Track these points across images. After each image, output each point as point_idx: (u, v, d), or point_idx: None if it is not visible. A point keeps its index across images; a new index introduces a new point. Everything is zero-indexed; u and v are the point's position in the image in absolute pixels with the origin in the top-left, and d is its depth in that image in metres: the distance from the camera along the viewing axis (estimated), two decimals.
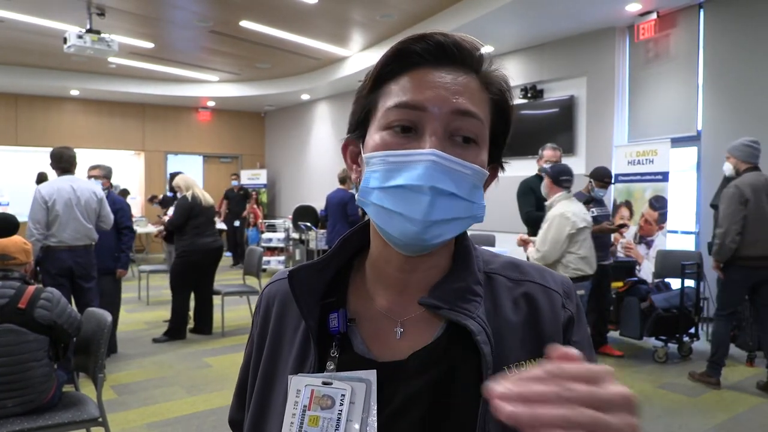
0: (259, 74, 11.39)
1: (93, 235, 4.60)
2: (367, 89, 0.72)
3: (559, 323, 0.73)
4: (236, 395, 0.88)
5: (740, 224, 4.08)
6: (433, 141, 0.65)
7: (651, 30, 6.61)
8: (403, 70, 0.68)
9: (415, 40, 0.68)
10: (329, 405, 0.67)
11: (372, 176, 0.68)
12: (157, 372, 4.78)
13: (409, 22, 7.76)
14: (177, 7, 7.57)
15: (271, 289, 0.84)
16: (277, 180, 14.22)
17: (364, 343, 0.72)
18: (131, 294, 8.15)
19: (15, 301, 2.57)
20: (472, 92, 0.68)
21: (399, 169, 0.65)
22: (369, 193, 0.68)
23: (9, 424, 2.48)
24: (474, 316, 0.69)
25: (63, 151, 4.58)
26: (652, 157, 6.20)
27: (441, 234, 0.66)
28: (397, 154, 0.66)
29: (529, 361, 0.70)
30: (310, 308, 0.73)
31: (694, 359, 5.07)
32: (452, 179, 0.65)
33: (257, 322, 0.84)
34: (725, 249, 4.14)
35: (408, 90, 0.67)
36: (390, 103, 0.68)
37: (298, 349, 0.75)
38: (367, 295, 0.76)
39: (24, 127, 11.88)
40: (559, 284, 0.77)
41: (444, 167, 0.64)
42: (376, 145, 0.68)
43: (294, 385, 0.70)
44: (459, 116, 0.66)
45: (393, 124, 0.67)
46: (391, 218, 0.66)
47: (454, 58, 0.68)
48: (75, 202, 4.45)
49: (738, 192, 4.12)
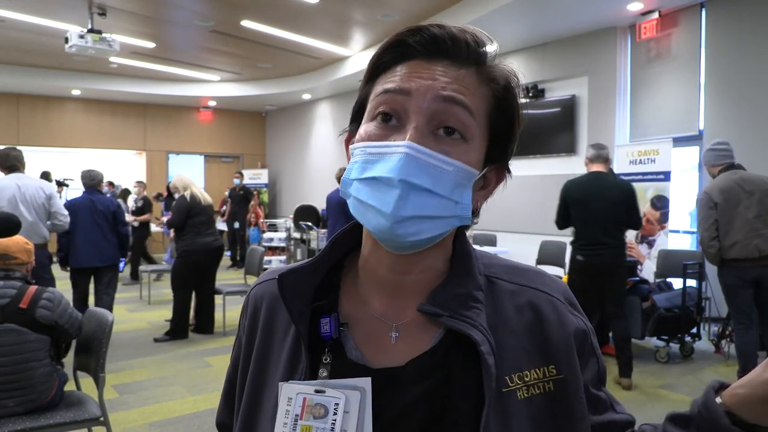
0: (260, 74, 11.39)
1: (42, 232, 4.50)
2: (364, 81, 0.71)
3: (567, 331, 0.70)
4: (224, 398, 0.86)
5: (712, 229, 4.06)
6: (412, 134, 0.62)
7: (653, 29, 6.60)
8: (398, 62, 0.67)
9: (411, 32, 0.66)
10: (322, 414, 0.64)
11: (353, 167, 0.66)
12: (159, 371, 4.78)
13: (410, 21, 7.71)
14: (178, 7, 7.57)
15: (258, 291, 0.80)
16: (278, 179, 14.22)
17: (358, 349, 0.69)
18: (133, 294, 8.17)
19: (16, 301, 2.57)
20: (466, 85, 0.65)
21: (376, 160, 0.63)
22: (349, 185, 0.66)
23: (11, 424, 2.48)
24: (477, 324, 0.66)
25: (9, 151, 4.60)
26: (654, 156, 6.19)
27: (417, 232, 0.63)
28: (375, 145, 0.64)
29: (534, 370, 0.68)
30: (301, 312, 0.70)
31: (696, 359, 5.07)
32: (429, 174, 0.62)
33: (244, 324, 0.81)
34: (708, 255, 4.14)
35: (397, 78, 0.65)
36: (377, 90, 0.67)
37: (288, 354, 0.72)
38: (359, 298, 0.73)
39: (25, 127, 11.90)
40: (560, 292, 0.74)
41: (420, 161, 0.61)
42: (361, 137, 0.67)
43: (285, 393, 0.66)
44: (444, 103, 0.63)
45: (377, 112, 0.65)
46: (366, 211, 0.64)
47: (448, 51, 0.65)
48: (20, 198, 4.40)
49: (706, 197, 4.12)
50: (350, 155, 0.69)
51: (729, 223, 4.02)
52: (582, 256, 4.29)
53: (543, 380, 0.68)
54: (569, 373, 0.69)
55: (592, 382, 0.73)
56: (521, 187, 7.60)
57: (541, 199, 7.50)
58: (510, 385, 0.66)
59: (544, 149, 7.67)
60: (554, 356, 0.69)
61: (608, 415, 0.74)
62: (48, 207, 4.55)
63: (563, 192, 4.39)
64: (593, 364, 0.74)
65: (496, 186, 0.73)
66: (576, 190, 4.31)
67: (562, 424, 0.68)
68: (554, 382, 0.68)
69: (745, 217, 4.00)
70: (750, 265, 4.01)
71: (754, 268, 4.02)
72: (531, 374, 0.67)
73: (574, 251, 4.37)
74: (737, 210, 4.02)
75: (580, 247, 4.31)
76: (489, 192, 0.72)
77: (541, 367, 0.68)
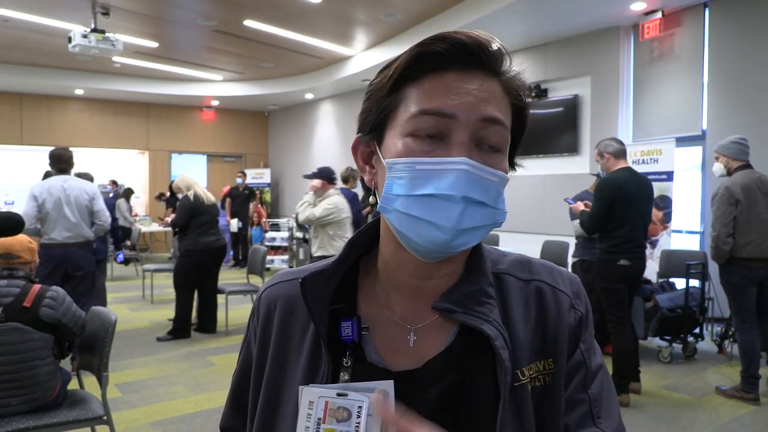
0: (262, 73, 11.40)
1: (85, 233, 4.64)
2: (386, 90, 0.68)
3: (564, 325, 0.72)
4: (230, 401, 0.85)
5: (731, 226, 4.03)
6: (460, 149, 0.63)
7: (656, 29, 6.58)
8: (425, 73, 0.66)
9: (437, 40, 0.65)
10: (345, 417, 0.64)
11: (396, 183, 0.65)
12: (161, 371, 4.79)
13: (413, 21, 7.75)
14: (181, 7, 7.58)
15: (270, 293, 0.80)
16: (281, 179, 14.23)
17: (377, 352, 0.70)
18: (135, 293, 8.18)
19: (20, 299, 2.58)
20: (498, 99, 0.67)
21: (428, 177, 0.63)
22: (393, 201, 0.65)
23: (14, 422, 2.49)
24: (490, 319, 0.67)
25: (62, 152, 4.71)
26: (657, 156, 6.17)
27: (467, 242, 0.65)
28: (425, 161, 0.64)
29: (536, 363, 0.69)
30: (321, 315, 0.71)
31: (699, 359, 5.06)
32: (483, 188, 0.64)
33: (255, 326, 0.80)
34: (720, 251, 4.10)
35: (434, 96, 0.64)
36: (414, 109, 0.65)
37: (307, 357, 0.72)
38: (378, 301, 0.74)
39: (29, 127, 11.92)
40: (567, 285, 0.75)
41: (475, 176, 0.63)
42: (399, 152, 0.65)
43: (306, 397, 0.66)
44: (486, 124, 0.65)
45: (420, 132, 0.65)
46: (416, 225, 0.64)
47: (480, 62, 0.66)
48: (65, 200, 4.54)
49: (728, 193, 4.07)
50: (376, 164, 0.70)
51: (747, 221, 4.03)
52: (627, 260, 3.93)
53: (542, 373, 0.70)
54: (561, 366, 0.71)
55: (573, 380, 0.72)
56: (523, 187, 7.59)
57: (543, 199, 7.50)
58: (522, 378, 0.68)
59: (547, 149, 7.66)
60: (551, 349, 0.71)
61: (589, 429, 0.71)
62: (91, 207, 4.68)
63: (608, 191, 3.93)
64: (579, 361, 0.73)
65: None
66: (622, 189, 3.92)
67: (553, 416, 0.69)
68: (552, 376, 0.70)
69: (762, 217, 4.04)
70: (758, 265, 4.04)
71: (761, 268, 4.05)
72: (534, 367, 0.69)
73: (614, 255, 3.94)
74: (755, 210, 4.04)
75: (625, 251, 3.93)
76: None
77: (542, 360, 0.70)
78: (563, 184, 6.96)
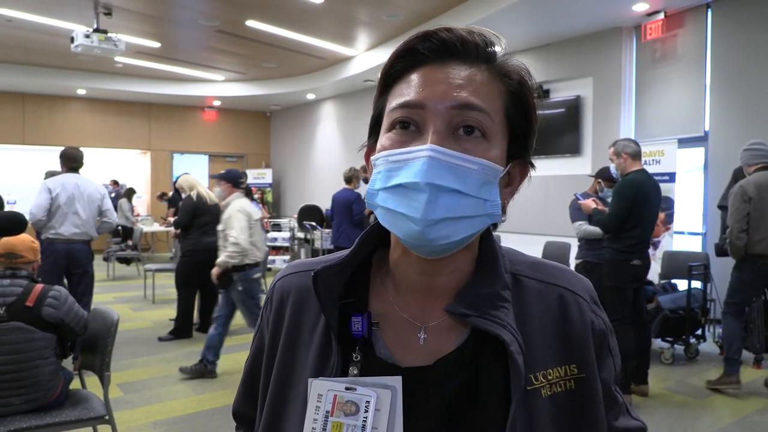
0: (264, 74, 11.41)
1: (91, 232, 4.72)
2: (378, 92, 0.71)
3: (587, 329, 0.72)
4: (243, 385, 0.86)
5: (744, 222, 4.12)
6: (433, 137, 0.62)
7: (658, 30, 6.58)
8: (410, 70, 0.67)
9: (419, 38, 0.67)
10: (353, 411, 0.65)
11: (377, 177, 0.66)
12: (163, 370, 4.79)
13: (415, 21, 7.75)
14: (183, 7, 7.59)
15: (284, 283, 0.80)
16: (282, 179, 14.24)
17: (387, 348, 0.70)
18: (137, 293, 8.19)
19: (22, 299, 2.58)
20: (478, 84, 0.65)
21: (399, 167, 0.63)
22: (374, 195, 0.66)
23: (16, 422, 2.49)
24: (505, 324, 0.66)
25: (75, 152, 4.81)
26: (659, 157, 6.17)
27: (449, 235, 0.63)
28: (396, 152, 0.64)
29: (557, 368, 0.69)
30: (331, 309, 0.71)
31: (701, 360, 5.05)
32: (455, 175, 0.62)
33: (268, 315, 0.81)
34: (734, 247, 4.18)
35: (408, 90, 0.65)
36: (392, 105, 0.67)
37: (317, 350, 0.72)
38: (388, 299, 0.73)
39: (31, 126, 11.95)
40: (585, 290, 0.75)
41: (444, 163, 0.62)
42: (382, 147, 0.67)
43: (315, 390, 0.67)
44: (460, 110, 0.64)
45: (396, 125, 0.66)
46: (395, 219, 0.64)
47: (458, 53, 0.66)
48: (78, 197, 4.62)
49: (741, 190, 4.18)
50: (371, 167, 0.70)
51: (760, 218, 4.11)
52: (639, 259, 3.94)
53: (564, 378, 0.69)
54: (590, 372, 0.70)
55: (608, 382, 0.74)
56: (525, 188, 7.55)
57: (545, 199, 7.49)
58: (535, 383, 0.67)
59: (549, 150, 7.65)
60: (575, 355, 0.70)
61: (624, 420, 0.76)
62: (101, 206, 4.80)
63: (630, 192, 3.90)
64: (610, 365, 0.75)
65: (521, 182, 0.75)
66: (642, 191, 3.91)
67: (582, 423, 0.69)
68: (575, 381, 0.69)
69: None
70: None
71: None
72: (554, 372, 0.68)
73: (628, 255, 3.93)
74: None
75: (638, 251, 3.94)
76: (515, 189, 0.74)
77: (563, 365, 0.69)
78: (565, 185, 6.95)
